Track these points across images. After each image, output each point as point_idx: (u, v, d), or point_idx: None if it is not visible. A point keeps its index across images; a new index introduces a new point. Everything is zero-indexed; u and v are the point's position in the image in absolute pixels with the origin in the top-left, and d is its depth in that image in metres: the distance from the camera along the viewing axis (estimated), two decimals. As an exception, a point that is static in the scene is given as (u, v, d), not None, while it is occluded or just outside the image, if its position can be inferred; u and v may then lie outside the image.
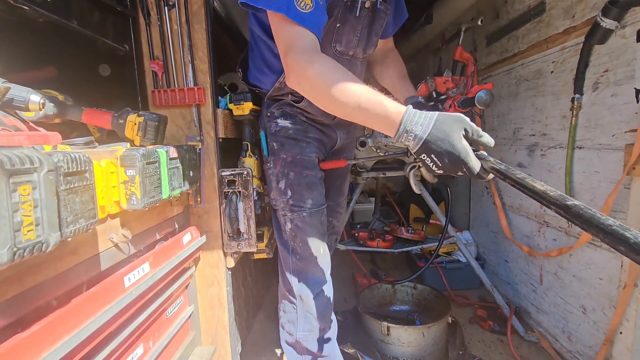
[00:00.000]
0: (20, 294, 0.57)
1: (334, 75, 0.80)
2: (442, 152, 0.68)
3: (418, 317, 1.82)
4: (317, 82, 0.81)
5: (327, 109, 0.85)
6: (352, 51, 1.12)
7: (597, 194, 1.31)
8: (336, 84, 0.78)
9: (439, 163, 0.70)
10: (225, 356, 1.33)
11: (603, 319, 1.30)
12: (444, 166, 0.70)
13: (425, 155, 0.71)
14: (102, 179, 0.72)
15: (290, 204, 1.16)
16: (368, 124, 0.80)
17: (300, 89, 0.87)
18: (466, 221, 2.53)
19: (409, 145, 0.73)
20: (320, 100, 0.84)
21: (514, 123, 1.88)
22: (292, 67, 0.85)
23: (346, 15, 1.04)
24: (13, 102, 0.78)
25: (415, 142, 0.71)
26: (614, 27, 1.18)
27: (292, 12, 0.84)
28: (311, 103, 1.14)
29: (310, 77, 0.82)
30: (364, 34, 1.11)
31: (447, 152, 0.68)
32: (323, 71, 0.81)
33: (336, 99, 0.78)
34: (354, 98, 0.76)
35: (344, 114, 0.81)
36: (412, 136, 0.71)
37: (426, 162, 0.72)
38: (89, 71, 1.24)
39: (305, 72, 0.82)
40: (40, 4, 0.94)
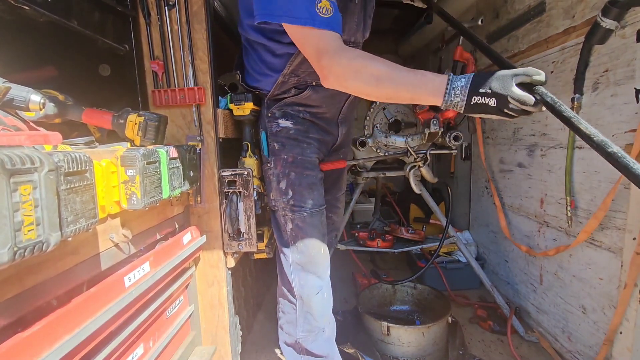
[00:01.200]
0: (20, 293, 0.57)
1: (374, 63, 0.88)
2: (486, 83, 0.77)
3: (418, 317, 1.82)
4: (362, 73, 0.88)
5: (373, 95, 0.93)
6: (353, 38, 1.13)
7: (597, 194, 1.31)
8: (379, 69, 0.87)
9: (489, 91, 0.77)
10: (225, 356, 1.33)
11: (603, 319, 1.30)
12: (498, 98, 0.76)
13: (476, 97, 0.79)
14: (102, 179, 0.72)
15: (291, 204, 1.16)
16: (416, 96, 0.87)
17: (345, 85, 0.93)
18: (466, 221, 2.53)
19: (457, 99, 0.80)
20: (368, 89, 0.90)
21: (514, 123, 1.88)
22: (329, 69, 0.91)
23: (346, 4, 1.05)
24: (13, 102, 0.78)
25: (462, 92, 0.79)
26: (614, 27, 1.18)
27: (317, 21, 0.88)
28: (315, 90, 1.14)
29: (355, 70, 0.88)
30: (360, 19, 1.13)
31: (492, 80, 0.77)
32: (364, 62, 0.88)
33: (383, 82, 0.87)
34: (400, 78, 0.85)
35: (392, 94, 0.89)
36: (458, 89, 0.80)
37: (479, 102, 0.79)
38: (89, 71, 1.24)
39: (348, 68, 0.89)
40: (40, 4, 0.94)
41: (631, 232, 1.15)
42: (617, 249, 1.22)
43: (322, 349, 1.23)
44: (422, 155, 1.75)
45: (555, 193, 1.56)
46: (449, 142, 1.71)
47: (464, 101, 0.80)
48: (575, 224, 1.44)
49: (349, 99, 1.24)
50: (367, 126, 1.92)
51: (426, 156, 1.74)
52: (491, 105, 0.78)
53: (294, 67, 1.09)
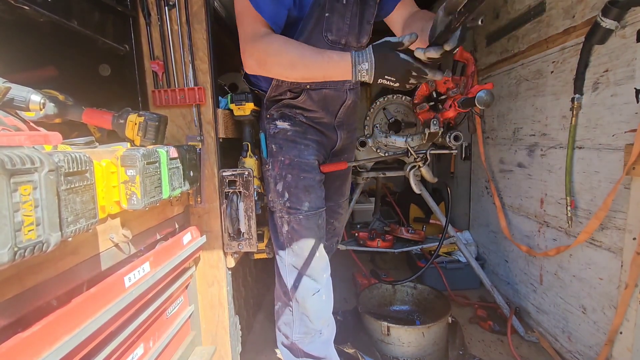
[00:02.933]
0: (20, 293, 0.57)
1: (288, 48, 0.97)
2: (389, 71, 0.88)
3: (418, 317, 1.82)
4: (278, 58, 0.97)
5: (291, 77, 1.02)
6: (344, 39, 1.12)
7: (597, 194, 1.31)
8: (292, 54, 0.96)
9: (393, 79, 0.89)
10: (225, 356, 1.33)
11: (603, 319, 1.30)
12: (399, 79, 0.89)
13: (381, 80, 0.90)
14: (102, 179, 0.72)
15: (287, 207, 1.15)
16: (328, 76, 0.96)
17: (263, 70, 1.02)
18: (466, 221, 2.53)
19: (364, 78, 0.91)
20: (285, 72, 1.00)
21: (514, 123, 1.88)
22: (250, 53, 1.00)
23: (333, 4, 1.05)
24: (14, 102, 0.78)
25: (368, 75, 0.90)
26: (614, 27, 1.18)
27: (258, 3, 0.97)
28: (309, 95, 1.14)
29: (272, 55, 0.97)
30: (354, 22, 1.12)
31: (391, 68, 0.88)
32: (279, 48, 0.97)
33: (297, 66, 0.96)
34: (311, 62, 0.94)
35: (307, 76, 0.98)
36: (363, 72, 0.90)
37: (386, 83, 0.91)
38: (89, 71, 1.24)
39: (266, 54, 0.97)
40: (40, 4, 0.94)
41: (631, 232, 1.15)
42: (617, 249, 1.22)
43: (319, 350, 1.22)
44: (422, 155, 1.75)
45: (555, 193, 1.56)
46: (449, 142, 1.71)
47: (371, 80, 0.91)
48: (576, 224, 1.44)
49: (344, 104, 1.23)
50: (367, 126, 1.92)
51: (426, 156, 1.74)
52: (395, 86, 0.91)
53: None
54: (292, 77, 1.01)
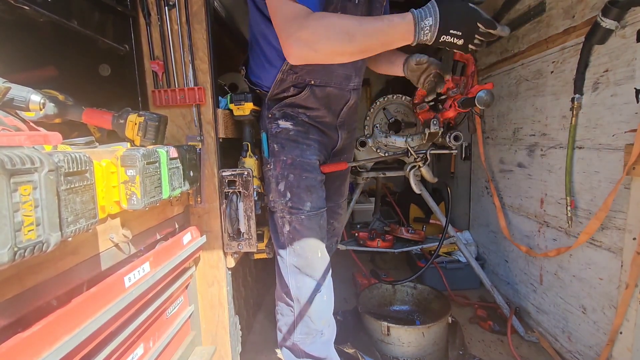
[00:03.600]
0: (20, 293, 0.57)
1: (342, 18, 0.89)
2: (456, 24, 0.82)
3: (418, 317, 1.82)
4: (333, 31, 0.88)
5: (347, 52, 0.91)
6: None
7: (597, 194, 1.31)
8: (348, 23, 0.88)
9: (457, 33, 0.83)
10: (225, 356, 1.33)
11: (603, 319, 1.30)
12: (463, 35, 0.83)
13: (444, 37, 0.84)
14: (102, 179, 0.72)
15: (289, 207, 1.15)
16: (387, 43, 0.89)
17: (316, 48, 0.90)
18: (466, 221, 2.53)
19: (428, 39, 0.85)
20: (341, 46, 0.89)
21: (514, 123, 1.88)
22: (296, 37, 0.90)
23: (345, 4, 1.05)
24: (13, 102, 0.78)
25: (432, 33, 0.84)
26: (614, 27, 1.18)
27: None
28: (312, 91, 1.14)
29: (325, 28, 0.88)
30: None
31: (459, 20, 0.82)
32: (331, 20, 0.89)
33: (355, 36, 0.87)
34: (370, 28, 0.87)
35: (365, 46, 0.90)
36: (426, 29, 0.84)
37: (448, 42, 0.85)
38: (89, 71, 1.24)
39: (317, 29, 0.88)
40: (40, 4, 0.94)
41: (631, 232, 1.15)
42: (617, 249, 1.22)
43: (320, 351, 1.22)
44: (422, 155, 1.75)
45: (555, 193, 1.56)
46: (449, 142, 1.71)
47: (433, 38, 0.85)
48: (576, 224, 1.44)
49: (347, 104, 1.23)
50: (367, 126, 1.92)
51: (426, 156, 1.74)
52: (458, 44, 0.85)
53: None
54: (349, 50, 0.90)
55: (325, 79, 1.14)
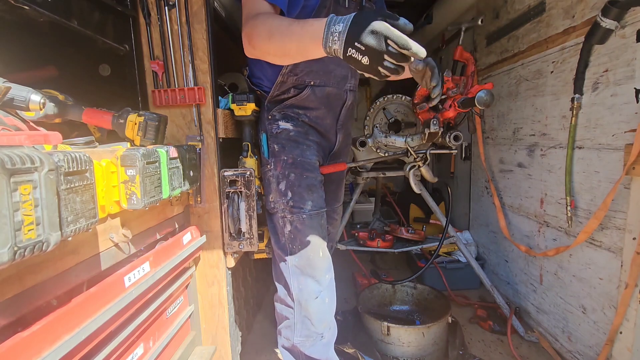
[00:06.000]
0: (20, 293, 0.57)
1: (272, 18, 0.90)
2: (363, 34, 0.67)
3: (418, 317, 1.82)
4: (259, 28, 0.90)
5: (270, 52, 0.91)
6: None
7: (597, 194, 1.31)
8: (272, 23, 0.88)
9: (362, 47, 0.67)
10: (225, 356, 1.32)
11: (603, 319, 1.30)
12: (368, 50, 0.67)
13: (350, 49, 0.69)
14: (102, 179, 0.72)
15: (290, 206, 1.15)
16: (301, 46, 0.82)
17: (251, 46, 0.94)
18: (466, 221, 2.53)
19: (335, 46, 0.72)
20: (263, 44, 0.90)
21: (514, 123, 1.88)
22: (244, 31, 0.94)
23: (337, 7, 1.07)
24: (14, 101, 0.78)
25: (340, 40, 0.70)
26: (614, 27, 1.18)
27: None
28: (313, 91, 1.15)
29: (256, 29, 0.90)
30: None
31: (367, 31, 0.66)
32: (263, 18, 0.91)
33: (274, 35, 0.86)
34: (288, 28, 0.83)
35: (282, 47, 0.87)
36: (336, 36, 0.71)
37: (353, 56, 0.70)
38: (89, 71, 1.24)
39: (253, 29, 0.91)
40: (40, 4, 0.94)
41: (631, 232, 1.15)
42: (617, 249, 1.22)
43: (320, 353, 1.21)
44: (422, 155, 1.75)
45: (555, 193, 1.56)
46: (449, 142, 1.71)
47: (341, 49, 0.71)
48: (575, 224, 1.44)
49: (345, 105, 1.25)
50: (367, 126, 1.92)
51: (426, 156, 1.74)
52: (363, 63, 0.69)
53: (292, 64, 1.09)
54: (272, 50, 0.89)
55: (324, 80, 1.16)
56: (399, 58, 0.67)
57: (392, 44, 0.66)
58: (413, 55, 0.67)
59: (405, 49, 0.65)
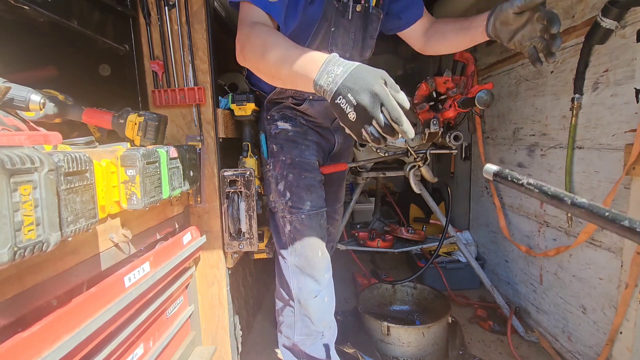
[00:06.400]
0: (20, 293, 0.57)
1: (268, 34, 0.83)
2: (359, 88, 0.62)
3: (418, 317, 1.82)
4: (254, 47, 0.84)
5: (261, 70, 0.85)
6: (348, 54, 1.12)
7: (597, 194, 1.31)
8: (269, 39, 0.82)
9: (353, 102, 0.63)
10: (225, 356, 1.33)
11: (603, 319, 1.30)
12: (359, 107, 0.62)
13: (341, 97, 0.64)
14: (102, 179, 0.72)
15: (289, 206, 1.16)
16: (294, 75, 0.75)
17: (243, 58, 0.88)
18: (466, 221, 2.53)
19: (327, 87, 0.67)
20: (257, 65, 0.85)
21: (514, 123, 1.88)
22: (238, 38, 0.89)
23: (339, 19, 1.05)
24: (13, 101, 0.78)
25: (334, 82, 0.65)
26: (614, 27, 1.18)
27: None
28: (312, 104, 1.15)
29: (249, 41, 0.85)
30: (358, 37, 1.12)
31: (365, 88, 0.62)
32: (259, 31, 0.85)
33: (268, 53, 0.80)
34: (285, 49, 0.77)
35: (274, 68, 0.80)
36: (331, 77, 0.66)
37: (340, 106, 0.65)
38: (89, 71, 1.24)
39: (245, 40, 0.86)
40: (40, 4, 0.94)
41: (631, 232, 1.15)
42: (617, 249, 1.22)
43: (320, 352, 1.22)
44: (422, 155, 1.75)
45: (555, 193, 1.56)
46: (449, 142, 1.71)
47: (332, 92, 0.66)
48: (575, 224, 1.43)
49: None
50: (367, 126, 1.92)
51: (426, 156, 1.74)
52: (349, 119, 0.64)
53: None
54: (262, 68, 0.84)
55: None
56: (386, 129, 0.62)
57: (386, 112, 0.61)
58: (401, 132, 0.63)
59: (396, 123, 0.62)
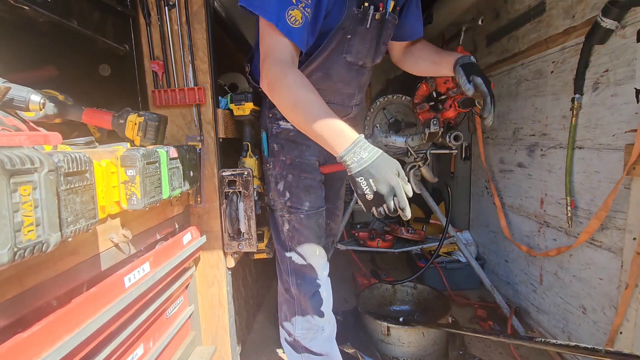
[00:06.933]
0: (20, 294, 0.57)
1: (301, 91, 0.88)
2: (380, 178, 0.76)
3: (418, 317, 1.82)
4: (285, 94, 0.89)
5: (289, 118, 0.93)
6: (361, 61, 1.12)
7: (597, 194, 1.31)
8: (299, 98, 0.87)
9: (374, 188, 0.77)
10: (225, 356, 1.33)
11: (603, 319, 1.30)
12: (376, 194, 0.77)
13: (362, 179, 0.77)
14: (102, 179, 0.72)
15: (288, 206, 1.17)
16: (320, 137, 0.84)
17: (270, 95, 0.94)
18: (466, 221, 2.53)
19: (352, 165, 0.78)
20: (285, 111, 0.92)
21: (514, 123, 1.88)
22: (266, 74, 0.93)
23: (356, 27, 1.04)
24: (13, 102, 0.78)
25: (358, 164, 0.78)
26: (614, 27, 1.18)
27: (281, 24, 0.90)
28: None
29: (281, 88, 0.90)
30: (372, 44, 1.11)
31: (385, 179, 0.76)
32: (292, 85, 0.89)
33: (298, 111, 0.87)
34: (315, 116, 0.84)
35: (302, 125, 0.88)
36: (357, 158, 0.78)
37: (361, 185, 0.78)
38: (89, 71, 1.24)
39: (277, 82, 0.90)
40: (40, 4, 0.94)
41: (631, 232, 1.15)
42: (617, 249, 1.22)
43: (321, 347, 1.24)
44: (422, 155, 1.75)
45: (555, 193, 1.56)
46: (449, 142, 1.71)
47: (354, 171, 0.78)
48: (576, 224, 1.43)
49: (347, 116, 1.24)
50: (367, 126, 1.92)
51: (426, 156, 1.74)
52: (366, 197, 0.77)
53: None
54: (289, 117, 0.93)
55: (331, 98, 1.15)
56: (392, 212, 0.78)
57: (396, 201, 0.77)
58: (402, 215, 0.80)
59: (400, 209, 0.78)
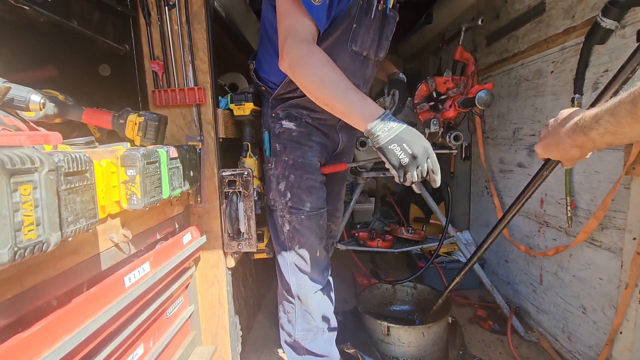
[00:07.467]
0: (20, 293, 0.57)
1: (328, 68, 0.90)
2: (414, 141, 0.81)
3: (418, 317, 1.82)
4: (311, 72, 0.91)
5: (312, 95, 0.94)
6: (365, 52, 1.12)
7: (597, 194, 1.31)
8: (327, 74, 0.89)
9: (409, 150, 0.81)
10: (225, 356, 1.33)
11: (603, 319, 1.30)
12: (412, 153, 0.81)
13: (396, 145, 0.81)
14: (102, 179, 0.72)
15: (289, 206, 1.16)
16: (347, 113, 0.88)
17: (293, 74, 0.94)
18: (466, 221, 2.53)
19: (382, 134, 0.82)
20: (310, 87, 0.93)
21: (514, 123, 1.88)
22: (288, 53, 0.93)
23: (362, 17, 1.05)
24: (14, 101, 0.78)
25: (389, 132, 0.81)
26: (614, 27, 1.18)
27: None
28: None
29: (306, 65, 0.91)
30: (375, 36, 1.12)
31: (418, 142, 0.82)
32: (318, 63, 0.90)
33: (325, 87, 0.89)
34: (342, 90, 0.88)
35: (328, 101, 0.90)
36: (387, 127, 0.82)
37: (394, 152, 0.81)
38: (89, 71, 1.24)
39: (301, 60, 0.91)
40: (40, 4, 0.94)
41: (631, 232, 1.15)
42: (617, 249, 1.22)
43: (321, 348, 1.24)
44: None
45: (555, 193, 1.56)
46: (449, 142, 1.71)
47: (385, 140, 0.81)
48: (575, 224, 1.44)
49: None
50: (367, 126, 1.91)
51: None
52: (402, 159, 0.81)
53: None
54: (314, 95, 0.94)
55: None
56: (425, 174, 0.84)
57: (429, 163, 0.83)
58: (432, 179, 0.86)
59: (433, 172, 0.84)
